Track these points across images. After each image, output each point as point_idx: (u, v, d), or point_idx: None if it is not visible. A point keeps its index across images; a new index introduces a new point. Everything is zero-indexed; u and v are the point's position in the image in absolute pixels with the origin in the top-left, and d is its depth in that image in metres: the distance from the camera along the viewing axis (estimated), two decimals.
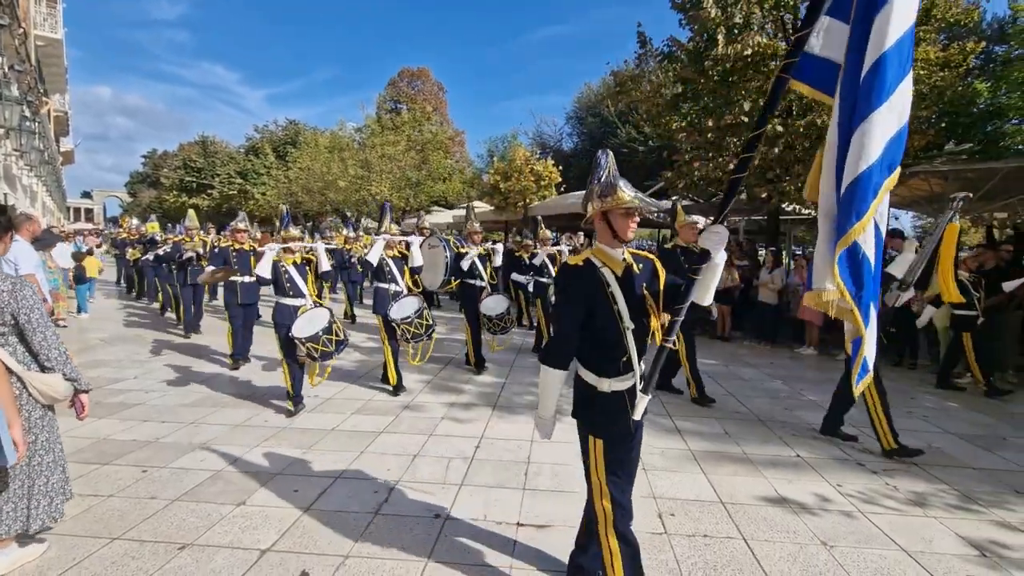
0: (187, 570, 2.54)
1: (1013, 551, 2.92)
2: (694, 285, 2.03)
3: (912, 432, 4.80)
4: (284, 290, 4.89)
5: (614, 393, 2.12)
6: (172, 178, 38.12)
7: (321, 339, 4.52)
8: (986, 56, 12.83)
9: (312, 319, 4.71)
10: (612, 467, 2.15)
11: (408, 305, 5.40)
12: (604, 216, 2.11)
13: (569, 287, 2.12)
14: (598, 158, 2.19)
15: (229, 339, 6.69)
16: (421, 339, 5.22)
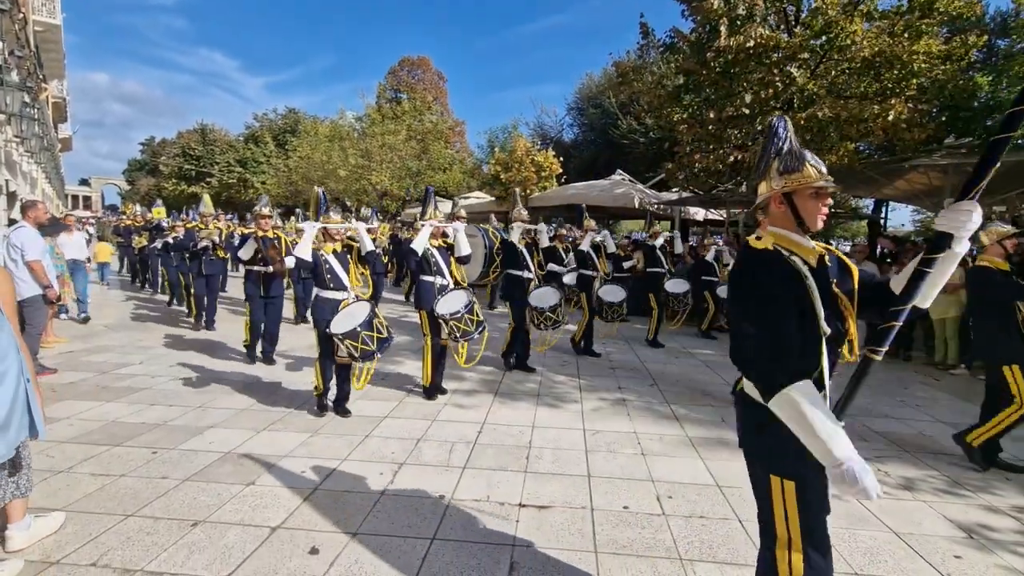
0: (201, 545, 2.63)
1: (999, 533, 3.01)
2: (922, 281, 1.61)
3: (904, 420, 4.91)
4: (324, 282, 4.42)
5: None
6: (171, 166, 37.98)
7: (360, 336, 4.05)
8: (989, 49, 12.83)
9: (351, 314, 4.27)
10: (809, 515, 1.68)
11: (456, 299, 4.85)
12: (786, 198, 1.71)
13: (761, 278, 1.67)
14: (774, 125, 1.77)
15: (246, 331, 6.31)
16: (471, 336, 4.73)
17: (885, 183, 10.66)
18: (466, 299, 4.81)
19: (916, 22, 9.16)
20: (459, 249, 5.07)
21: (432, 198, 5.28)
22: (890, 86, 9.40)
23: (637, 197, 13.53)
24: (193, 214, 10.15)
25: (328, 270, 4.43)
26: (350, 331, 4.04)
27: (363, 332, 4.07)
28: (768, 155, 1.77)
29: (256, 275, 6.18)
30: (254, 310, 6.17)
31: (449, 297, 4.90)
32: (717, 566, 2.59)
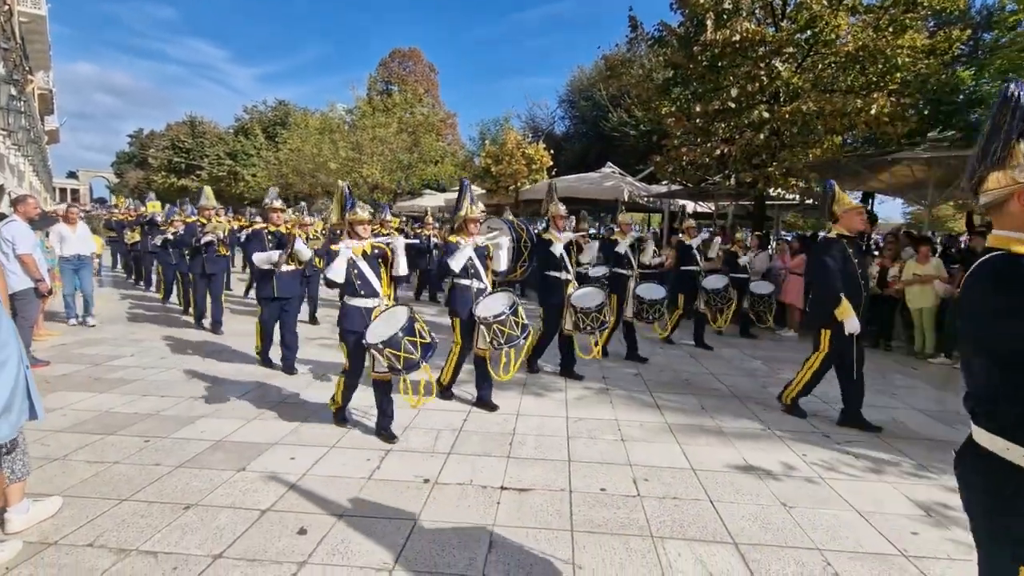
0: (193, 527, 2.74)
1: (956, 511, 3.17)
2: None
3: (879, 408, 5.07)
4: (353, 289, 3.90)
5: None
6: (160, 159, 37.69)
7: (402, 342, 3.56)
8: (974, 43, 13.00)
9: (389, 319, 3.81)
10: None
11: (498, 301, 4.43)
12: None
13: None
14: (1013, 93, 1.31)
15: (258, 337, 5.76)
16: (517, 342, 4.30)
17: (870, 176, 10.83)
18: (509, 300, 4.40)
19: (900, 16, 9.30)
20: (498, 263, 4.66)
21: (468, 191, 4.74)
22: (874, 80, 9.54)
23: (627, 190, 13.64)
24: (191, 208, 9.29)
25: (358, 275, 3.90)
26: (391, 338, 3.56)
27: (405, 338, 3.58)
28: (1009, 133, 1.31)
29: (265, 274, 5.58)
30: (265, 312, 5.63)
31: (490, 299, 4.48)
32: (686, 543, 2.73)
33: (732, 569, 2.53)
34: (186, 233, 7.74)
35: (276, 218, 5.78)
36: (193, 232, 7.52)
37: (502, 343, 4.28)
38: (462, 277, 4.56)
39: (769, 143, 9.63)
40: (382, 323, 3.78)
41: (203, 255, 7.39)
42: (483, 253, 4.65)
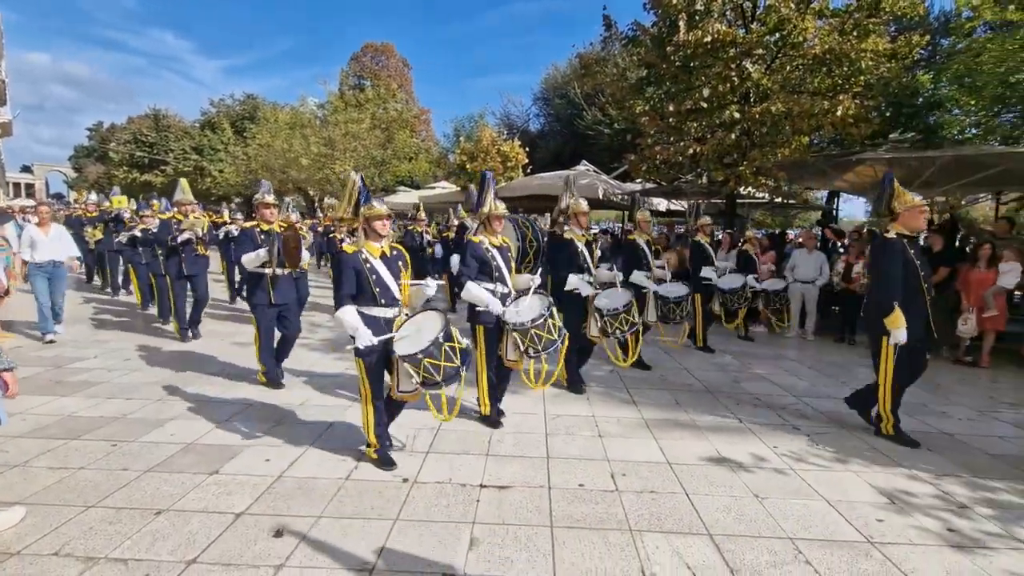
0: (164, 532, 2.67)
1: (917, 498, 3.31)
2: None
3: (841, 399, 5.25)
4: (371, 297, 3.37)
5: None
6: (121, 153, 36.34)
7: (443, 350, 3.14)
8: (932, 48, 13.50)
9: (420, 327, 3.36)
10: None
11: (534, 304, 4.04)
12: None
13: None
14: None
15: (257, 350, 5.06)
16: (555, 345, 3.92)
17: (836, 176, 11.18)
18: (545, 302, 4.03)
19: (864, 21, 9.58)
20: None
21: (491, 186, 4.29)
22: (840, 82, 9.82)
23: (601, 188, 13.75)
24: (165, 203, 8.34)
25: (376, 281, 3.36)
26: (428, 347, 3.10)
27: (446, 344, 3.16)
28: None
29: (258, 279, 4.94)
30: (263, 322, 4.95)
31: (523, 304, 4.07)
32: (663, 535, 2.79)
33: (708, 560, 2.59)
34: (161, 231, 6.94)
35: (268, 215, 5.14)
36: (168, 229, 6.78)
37: (539, 349, 3.89)
38: (486, 281, 4.10)
39: (740, 143, 9.82)
40: (410, 333, 3.33)
41: (180, 255, 6.71)
42: (507, 254, 4.25)
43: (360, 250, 3.38)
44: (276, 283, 4.94)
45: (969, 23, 9.71)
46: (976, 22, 9.52)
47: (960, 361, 7.04)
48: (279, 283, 4.97)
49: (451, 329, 3.27)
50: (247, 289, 5.15)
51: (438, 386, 3.17)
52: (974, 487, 3.48)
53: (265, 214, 5.14)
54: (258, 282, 4.93)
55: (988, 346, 6.97)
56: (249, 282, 5.09)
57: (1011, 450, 4.15)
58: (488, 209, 4.16)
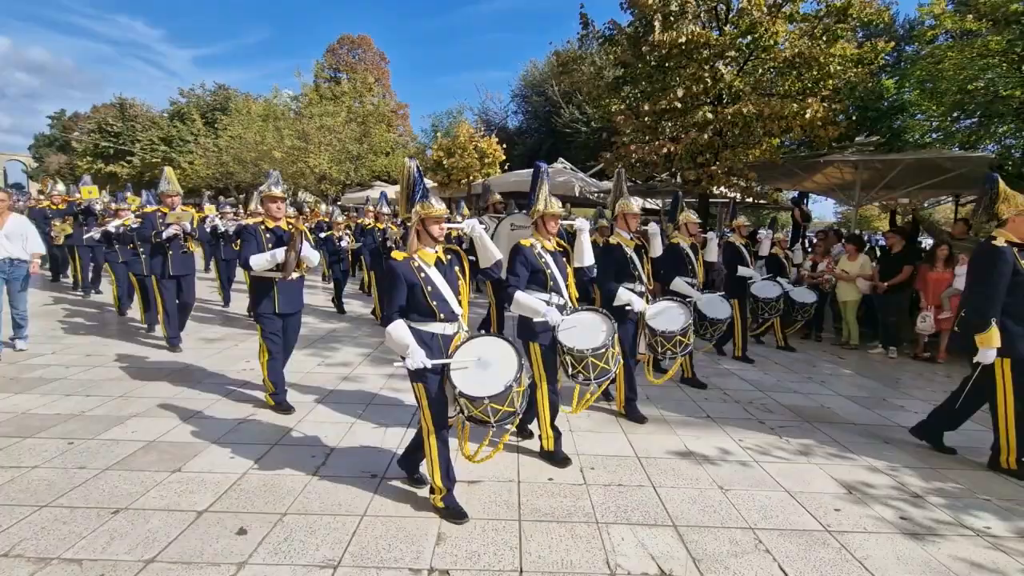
0: (122, 531, 2.60)
1: (875, 489, 3.43)
2: None
3: (807, 395, 5.40)
4: (425, 310, 2.83)
5: None
6: (85, 142, 35.05)
7: (510, 394, 2.65)
8: (897, 55, 13.93)
9: (484, 357, 2.80)
10: None
11: (594, 328, 3.47)
12: None
13: None
14: None
15: (264, 365, 4.34)
16: (608, 375, 3.43)
17: (805, 177, 11.48)
18: (608, 326, 3.44)
19: (833, 26, 9.84)
20: (581, 257, 3.71)
21: (546, 179, 3.62)
22: (809, 85, 10.07)
23: (578, 186, 13.85)
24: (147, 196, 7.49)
25: (432, 293, 2.82)
26: (501, 392, 2.62)
27: (515, 388, 2.66)
28: None
29: (263, 284, 4.33)
30: (269, 335, 4.31)
31: (579, 323, 3.48)
32: (629, 527, 2.83)
33: (671, 550, 2.64)
34: (144, 225, 5.92)
35: (276, 210, 4.36)
36: (152, 224, 5.81)
37: (591, 378, 3.37)
38: (539, 291, 3.53)
39: (712, 143, 9.98)
40: (470, 360, 2.79)
41: (166, 252, 5.85)
42: (562, 260, 3.67)
43: (411, 256, 2.83)
44: (284, 289, 4.33)
45: (931, 31, 10.04)
46: (938, 30, 9.86)
47: (919, 356, 7.30)
48: (288, 289, 4.36)
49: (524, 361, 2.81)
50: (252, 296, 4.49)
51: (487, 426, 2.73)
52: (928, 477, 3.62)
53: (272, 209, 4.37)
54: (266, 289, 4.30)
55: (944, 343, 7.24)
56: (255, 288, 4.38)
57: (962, 442, 4.31)
58: (543, 207, 3.53)
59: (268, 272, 4.25)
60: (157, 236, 5.76)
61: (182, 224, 5.87)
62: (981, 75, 8.92)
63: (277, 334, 4.36)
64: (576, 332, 3.42)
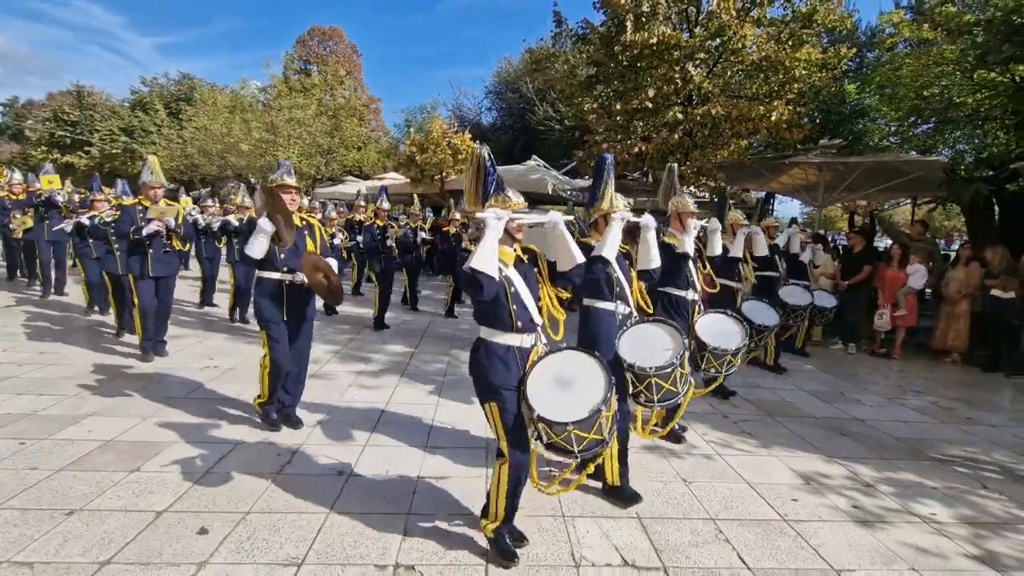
0: (76, 533, 2.52)
1: (830, 479, 3.57)
2: None
3: (770, 389, 5.57)
4: (507, 317, 2.44)
5: None
6: (39, 131, 33.55)
7: (598, 419, 2.26)
8: (859, 61, 14.40)
9: (564, 375, 2.42)
10: None
11: (661, 344, 3.00)
12: None
13: None
14: None
15: (264, 381, 3.82)
16: (675, 400, 2.96)
17: (771, 177, 11.78)
18: (678, 343, 2.99)
19: (799, 31, 10.12)
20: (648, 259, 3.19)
21: (611, 173, 3.21)
22: (775, 89, 10.34)
23: (551, 183, 13.90)
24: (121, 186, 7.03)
25: (513, 296, 2.44)
26: (587, 418, 2.23)
27: (603, 413, 2.27)
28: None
29: (275, 287, 3.79)
30: (274, 342, 3.76)
31: (643, 336, 3.06)
32: (594, 520, 2.88)
33: (635, 541, 2.70)
34: (122, 220, 5.29)
35: (288, 202, 3.77)
36: (132, 219, 5.22)
37: (654, 400, 2.94)
38: (601, 299, 3.12)
39: (683, 143, 10.16)
40: (548, 378, 2.40)
41: (146, 251, 5.24)
42: (624, 263, 3.18)
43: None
44: (293, 293, 3.81)
45: (890, 39, 10.41)
46: (897, 38, 10.22)
47: (875, 353, 7.59)
48: (296, 293, 3.82)
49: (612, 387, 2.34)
50: (254, 299, 3.97)
51: (569, 455, 2.33)
52: (880, 468, 3.78)
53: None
54: (268, 290, 3.77)
55: (900, 339, 7.55)
56: (256, 290, 3.88)
57: (913, 434, 4.52)
58: (607, 205, 3.09)
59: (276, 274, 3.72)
60: (136, 232, 5.11)
61: (165, 220, 5.23)
62: (936, 82, 9.28)
63: (281, 345, 3.78)
64: (641, 348, 2.98)
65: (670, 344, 3.03)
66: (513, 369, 2.44)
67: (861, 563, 2.64)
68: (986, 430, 4.71)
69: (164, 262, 5.40)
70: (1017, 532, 3.02)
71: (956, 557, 2.75)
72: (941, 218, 24.84)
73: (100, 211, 6.45)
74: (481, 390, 2.50)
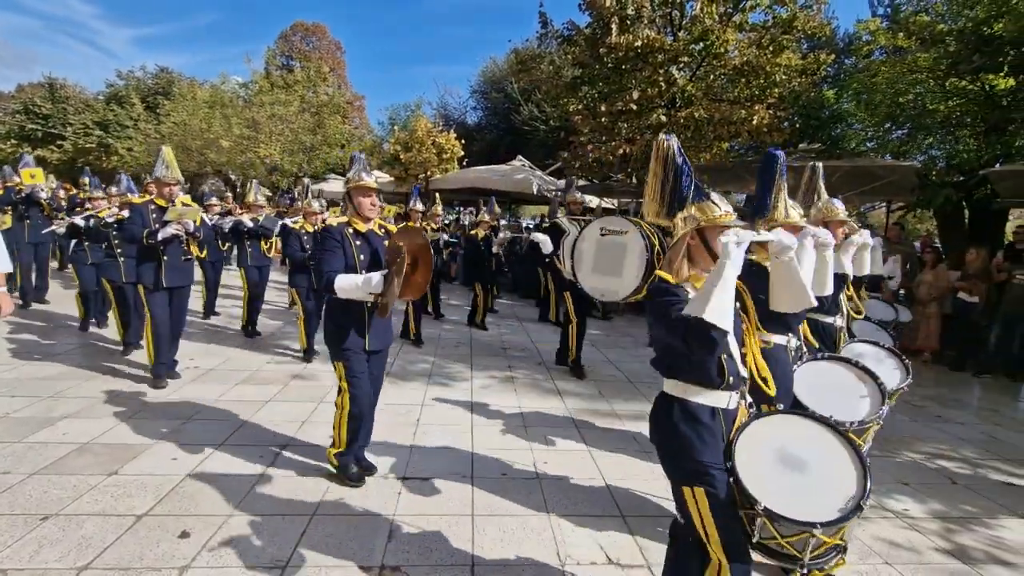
0: (52, 538, 2.46)
1: None
2: None
3: None
4: (705, 368, 1.82)
5: None
6: (9, 124, 32.57)
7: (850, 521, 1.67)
8: (838, 67, 14.72)
9: (791, 451, 1.86)
10: None
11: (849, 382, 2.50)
12: None
13: None
14: None
15: (343, 426, 3.06)
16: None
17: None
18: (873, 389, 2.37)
19: (780, 37, 10.31)
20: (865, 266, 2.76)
21: (782, 174, 2.54)
22: (756, 93, 10.52)
23: (536, 183, 13.95)
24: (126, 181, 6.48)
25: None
26: (838, 519, 1.66)
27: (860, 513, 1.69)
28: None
29: (358, 309, 3.03)
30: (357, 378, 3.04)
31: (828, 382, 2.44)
32: (579, 518, 2.91)
33: (619, 539, 2.74)
34: (133, 221, 4.54)
35: (368, 207, 3.11)
36: (144, 220, 4.52)
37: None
38: (776, 330, 2.52)
39: None
40: (776, 459, 1.83)
41: (161, 259, 4.54)
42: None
43: (681, 284, 1.86)
44: (373, 321, 3.07)
45: (867, 46, 10.65)
46: (873, 46, 10.46)
47: None
48: (378, 320, 3.08)
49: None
50: (326, 327, 3.13)
51: (793, 563, 1.75)
52: None
53: (363, 206, 3.10)
54: (349, 317, 3.04)
55: None
56: (331, 316, 3.11)
57: (887, 432, 4.62)
58: (782, 215, 2.54)
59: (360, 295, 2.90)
60: (151, 236, 4.43)
61: (184, 222, 4.57)
62: (911, 89, 9.53)
63: (366, 380, 3.09)
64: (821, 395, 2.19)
65: (864, 389, 2.32)
66: (720, 440, 1.84)
67: None
68: (955, 427, 4.86)
69: (181, 271, 4.72)
70: (984, 526, 3.12)
71: (927, 551, 2.83)
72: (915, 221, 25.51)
73: (98, 210, 5.88)
74: (680, 469, 1.84)
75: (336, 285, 2.85)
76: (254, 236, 6.76)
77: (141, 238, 4.45)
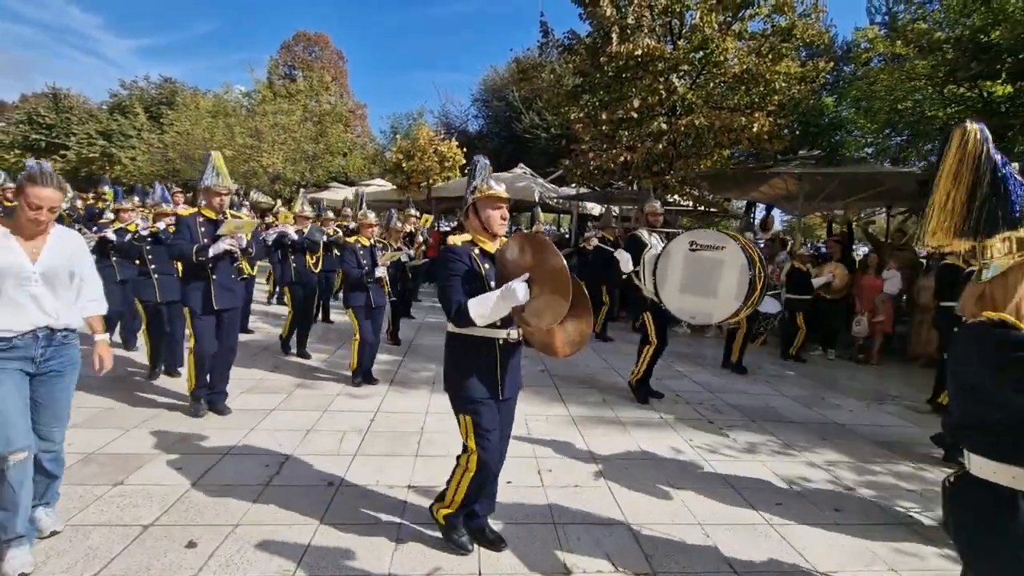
0: (59, 548, 2.47)
1: (813, 483, 3.65)
2: None
3: (754, 395, 5.67)
4: None
5: None
6: (12, 134, 32.78)
7: None
8: (837, 74, 14.82)
9: None
10: None
11: None
12: None
13: None
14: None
15: (462, 489, 2.56)
16: None
17: (752, 187, 12.01)
18: None
19: (779, 45, 10.38)
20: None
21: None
22: (756, 100, 10.58)
23: (537, 191, 14.01)
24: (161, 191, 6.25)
25: None
26: None
27: None
28: None
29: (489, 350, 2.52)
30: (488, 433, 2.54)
31: None
32: (585, 526, 2.91)
33: (625, 547, 2.73)
34: (181, 235, 4.07)
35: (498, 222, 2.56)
36: (192, 234, 4.06)
37: None
38: None
39: (667, 152, 10.34)
40: None
41: (210, 278, 4.07)
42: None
43: None
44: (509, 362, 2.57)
45: (866, 54, 10.75)
46: (872, 53, 10.56)
47: (854, 358, 7.76)
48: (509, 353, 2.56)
49: None
50: (447, 371, 2.62)
51: None
52: (860, 471, 3.88)
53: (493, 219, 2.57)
54: (478, 358, 2.51)
55: (877, 345, 7.74)
56: (453, 356, 2.58)
57: (891, 437, 4.64)
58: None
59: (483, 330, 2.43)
60: (201, 253, 3.95)
61: (239, 237, 4.11)
62: (909, 96, 9.60)
63: (494, 432, 2.55)
64: None
65: None
66: None
67: (844, 564, 2.70)
68: None
69: (231, 291, 4.20)
70: None
71: (932, 557, 2.83)
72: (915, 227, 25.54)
73: (129, 223, 5.40)
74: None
75: (473, 313, 2.29)
76: (299, 249, 6.35)
77: (189, 255, 3.98)
